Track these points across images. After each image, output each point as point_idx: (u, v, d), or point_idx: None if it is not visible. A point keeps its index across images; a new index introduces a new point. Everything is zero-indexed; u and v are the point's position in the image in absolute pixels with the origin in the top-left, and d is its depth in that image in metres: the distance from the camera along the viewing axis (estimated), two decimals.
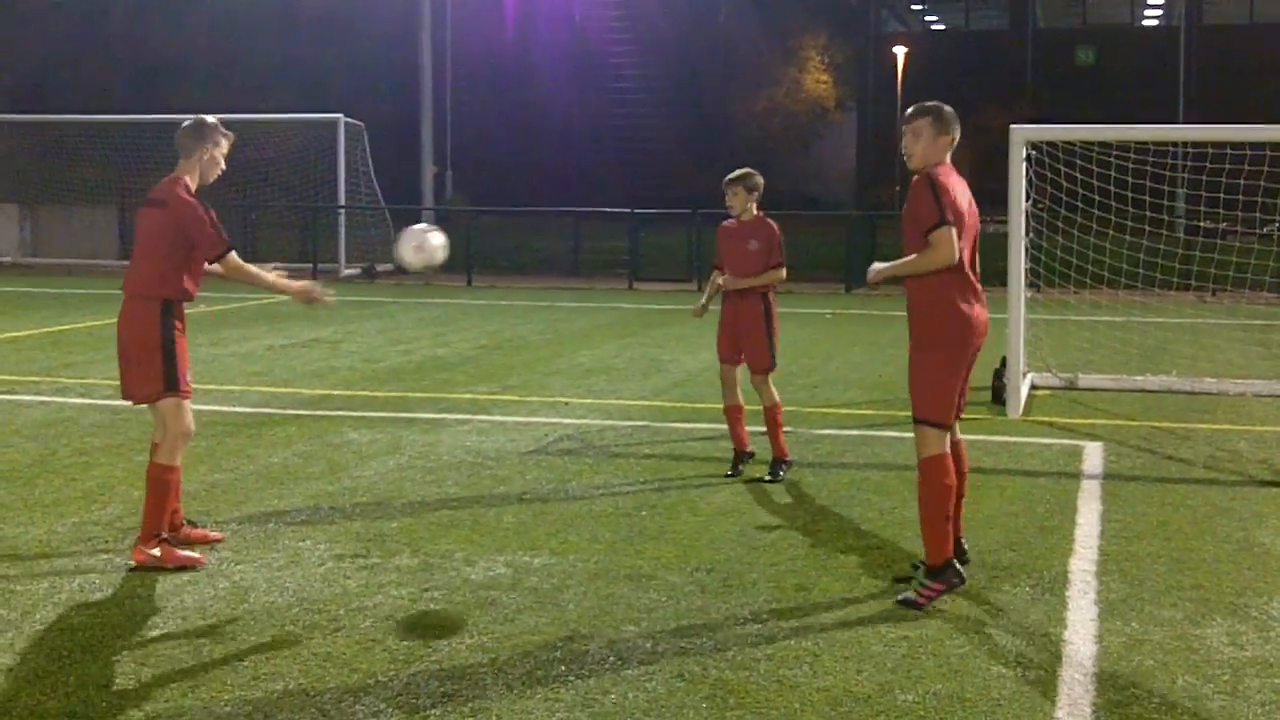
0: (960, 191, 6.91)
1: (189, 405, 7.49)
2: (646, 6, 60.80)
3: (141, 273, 7.45)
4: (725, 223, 9.89)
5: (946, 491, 6.81)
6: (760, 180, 9.79)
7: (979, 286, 6.95)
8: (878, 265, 7.03)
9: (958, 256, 6.71)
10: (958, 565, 6.87)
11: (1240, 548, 7.88)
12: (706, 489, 9.24)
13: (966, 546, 7.28)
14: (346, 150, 31.32)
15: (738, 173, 9.79)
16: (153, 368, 7.35)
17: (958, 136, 6.98)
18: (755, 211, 9.77)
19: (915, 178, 6.89)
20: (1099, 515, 8.58)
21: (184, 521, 7.76)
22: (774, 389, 9.80)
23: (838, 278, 28.04)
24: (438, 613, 6.53)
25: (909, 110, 7.09)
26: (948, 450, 6.86)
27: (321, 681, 5.65)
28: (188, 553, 7.37)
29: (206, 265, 7.51)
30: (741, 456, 9.86)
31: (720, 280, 9.78)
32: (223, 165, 7.70)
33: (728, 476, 9.67)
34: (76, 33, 51.10)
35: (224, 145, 7.66)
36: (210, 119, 7.72)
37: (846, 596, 6.84)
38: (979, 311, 6.89)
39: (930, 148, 6.94)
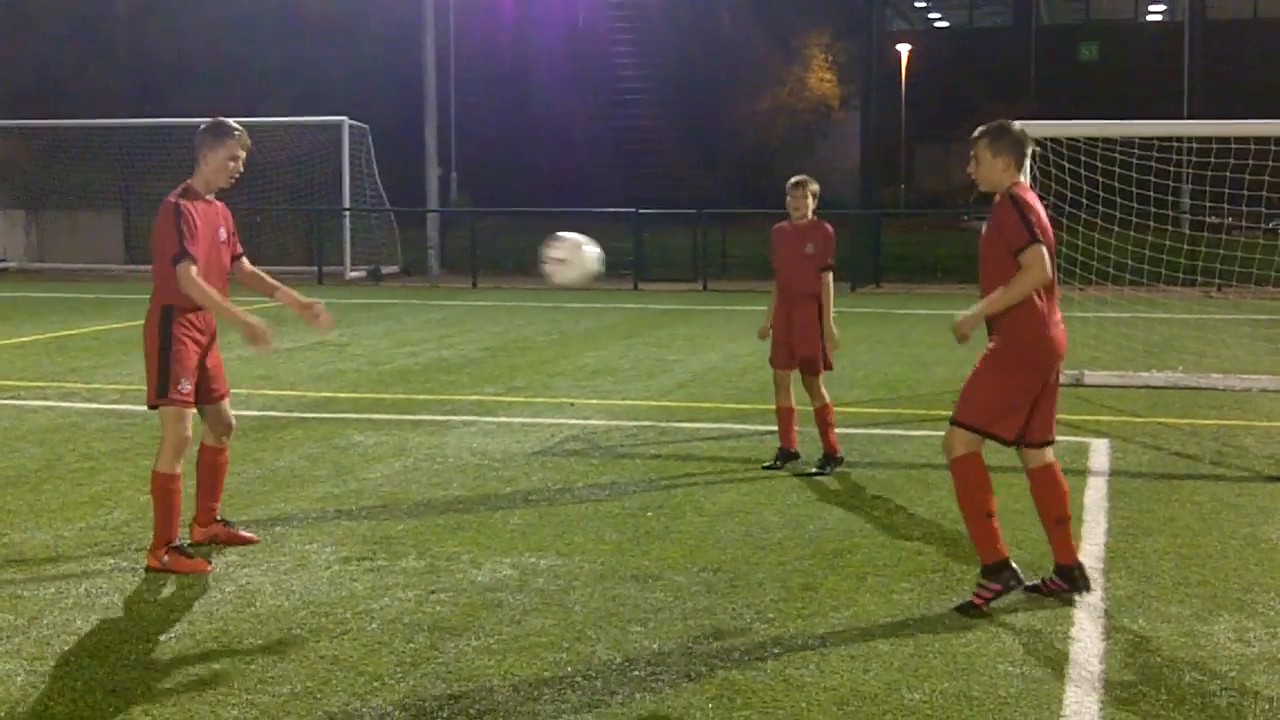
0: (1042, 209, 6.76)
1: (190, 414, 7.43)
2: (649, 8, 60.76)
3: (154, 277, 7.44)
4: (780, 224, 10.09)
5: (979, 490, 6.70)
6: (818, 186, 10.01)
7: (1057, 304, 6.85)
8: (964, 314, 6.71)
9: (1050, 275, 6.60)
10: (1014, 566, 6.72)
11: (1247, 543, 7.86)
12: (712, 489, 9.24)
13: (1087, 571, 6.92)
14: (351, 153, 31.33)
15: (802, 176, 10.02)
16: (150, 374, 7.36)
17: (1019, 156, 6.80)
18: (811, 215, 9.90)
19: (997, 198, 6.70)
20: (1105, 512, 8.58)
21: (219, 519, 7.83)
22: (825, 390, 10.01)
23: (842, 276, 27.97)
24: (444, 615, 6.53)
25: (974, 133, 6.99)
26: (978, 450, 6.72)
27: (328, 685, 5.65)
28: (194, 561, 7.36)
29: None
30: (787, 455, 10.01)
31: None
32: (232, 170, 7.43)
33: (766, 468, 9.89)
34: (78, 37, 51.16)
35: (231, 148, 7.36)
36: (226, 122, 7.48)
37: (853, 596, 6.84)
38: (1060, 333, 6.80)
39: (988, 169, 6.79)
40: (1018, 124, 6.99)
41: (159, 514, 7.34)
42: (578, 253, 7.58)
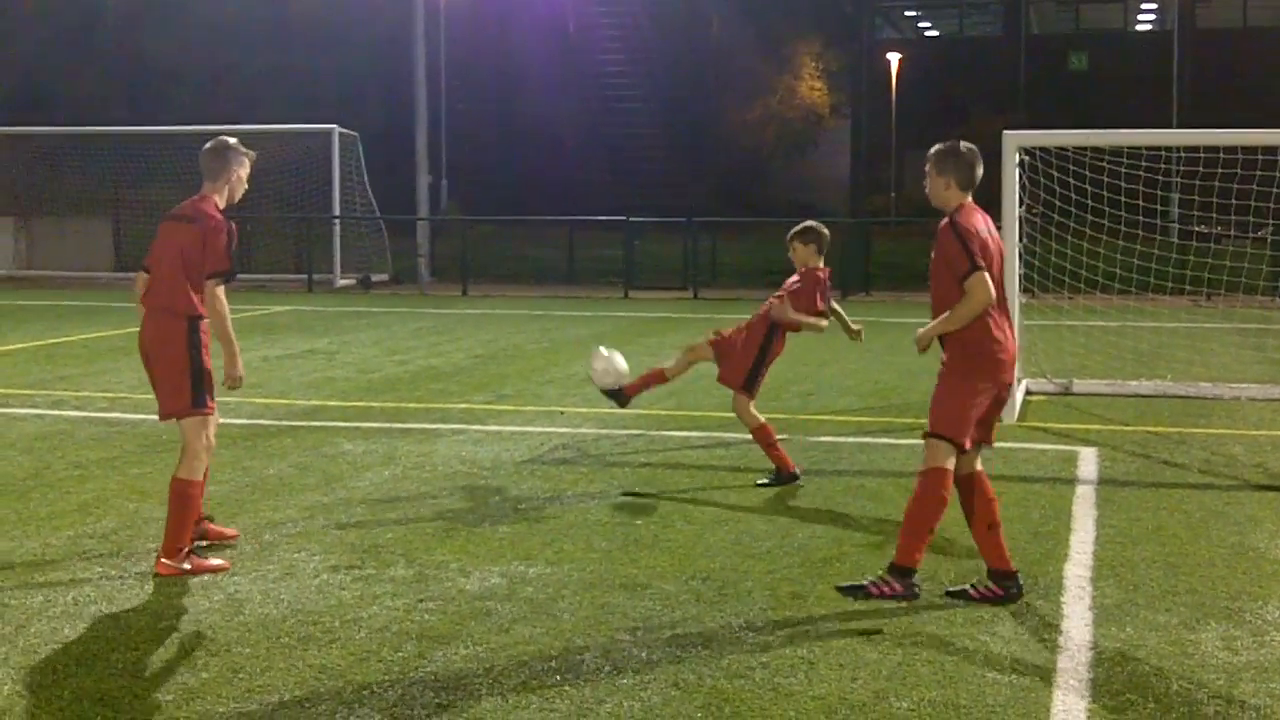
0: (985, 229, 7.01)
1: (213, 421, 7.55)
2: (640, 17, 60.83)
3: (166, 288, 7.47)
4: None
5: (939, 505, 6.91)
6: (819, 234, 9.78)
7: (1009, 317, 7.11)
8: (921, 330, 7.09)
9: (994, 297, 6.83)
10: (915, 581, 6.92)
11: (1235, 552, 7.88)
12: (701, 498, 9.24)
13: (1022, 580, 7.04)
14: (341, 160, 31.30)
15: (801, 225, 9.89)
16: (181, 386, 7.41)
17: (964, 177, 7.01)
18: (814, 264, 9.79)
19: (940, 224, 6.97)
20: (1094, 521, 8.59)
21: (205, 516, 7.88)
22: (750, 415, 9.72)
23: (832, 284, 27.94)
24: (433, 623, 6.52)
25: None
26: (951, 468, 6.90)
27: (316, 693, 5.64)
28: (214, 560, 7.47)
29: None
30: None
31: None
32: (246, 185, 7.78)
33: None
34: (69, 43, 51.08)
35: (247, 165, 7.73)
36: (231, 140, 7.77)
37: (842, 604, 6.84)
38: (1010, 345, 7.05)
39: (934, 187, 7.08)
40: (965, 145, 7.17)
41: (174, 520, 7.37)
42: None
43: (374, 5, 50.30)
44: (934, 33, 69.36)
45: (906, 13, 68.48)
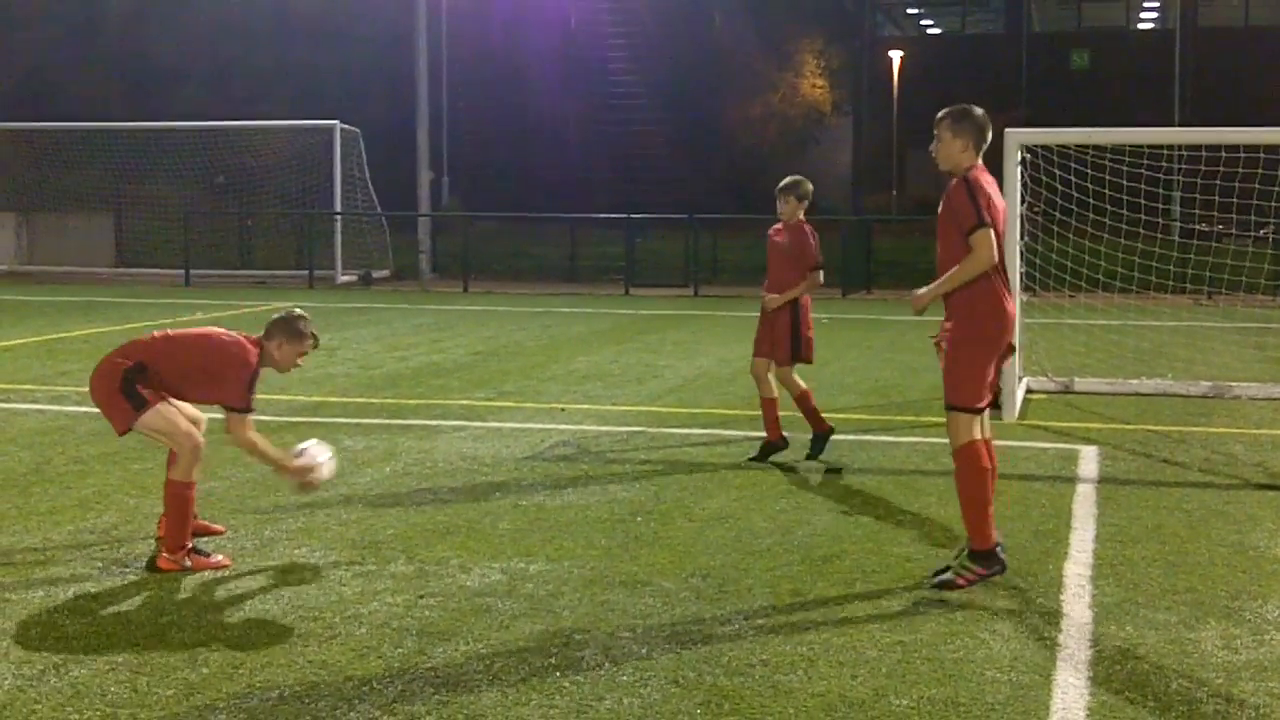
0: (993, 190, 7.15)
1: (173, 412, 7.48)
2: (641, 14, 60.80)
3: (150, 347, 7.61)
4: (772, 227, 10.46)
5: (983, 476, 7.03)
6: (809, 188, 10.32)
7: (1009, 279, 7.25)
8: (919, 291, 7.28)
9: (997, 257, 6.95)
10: (1000, 554, 7.05)
11: (1235, 551, 7.88)
12: (702, 495, 9.24)
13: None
14: (342, 156, 31.32)
15: (788, 180, 10.34)
16: (116, 405, 7.49)
17: (979, 140, 7.16)
18: (800, 217, 10.23)
19: (953, 180, 7.09)
20: (1094, 519, 8.60)
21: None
22: (798, 379, 10.30)
23: (833, 282, 27.92)
24: (433, 619, 6.53)
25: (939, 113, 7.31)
26: (979, 437, 7.04)
27: (316, 689, 5.65)
28: (215, 557, 7.48)
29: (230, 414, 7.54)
30: (771, 448, 10.30)
31: (764, 298, 10.38)
32: (299, 364, 7.76)
33: (751, 459, 10.26)
34: (72, 39, 51.11)
35: (307, 346, 7.67)
36: (300, 312, 7.75)
37: (842, 602, 6.85)
38: (1011, 306, 7.20)
39: (948, 149, 7.17)
40: (978, 109, 7.32)
41: (173, 520, 7.39)
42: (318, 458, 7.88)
43: (376, 2, 50.30)
44: (936, 30, 69.38)
45: (908, 10, 68.52)
